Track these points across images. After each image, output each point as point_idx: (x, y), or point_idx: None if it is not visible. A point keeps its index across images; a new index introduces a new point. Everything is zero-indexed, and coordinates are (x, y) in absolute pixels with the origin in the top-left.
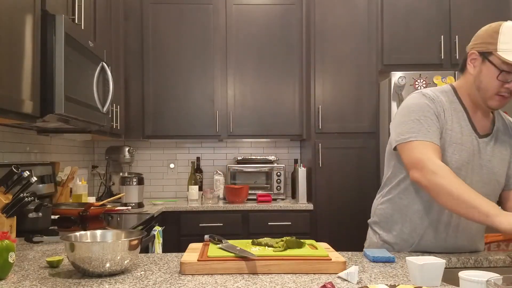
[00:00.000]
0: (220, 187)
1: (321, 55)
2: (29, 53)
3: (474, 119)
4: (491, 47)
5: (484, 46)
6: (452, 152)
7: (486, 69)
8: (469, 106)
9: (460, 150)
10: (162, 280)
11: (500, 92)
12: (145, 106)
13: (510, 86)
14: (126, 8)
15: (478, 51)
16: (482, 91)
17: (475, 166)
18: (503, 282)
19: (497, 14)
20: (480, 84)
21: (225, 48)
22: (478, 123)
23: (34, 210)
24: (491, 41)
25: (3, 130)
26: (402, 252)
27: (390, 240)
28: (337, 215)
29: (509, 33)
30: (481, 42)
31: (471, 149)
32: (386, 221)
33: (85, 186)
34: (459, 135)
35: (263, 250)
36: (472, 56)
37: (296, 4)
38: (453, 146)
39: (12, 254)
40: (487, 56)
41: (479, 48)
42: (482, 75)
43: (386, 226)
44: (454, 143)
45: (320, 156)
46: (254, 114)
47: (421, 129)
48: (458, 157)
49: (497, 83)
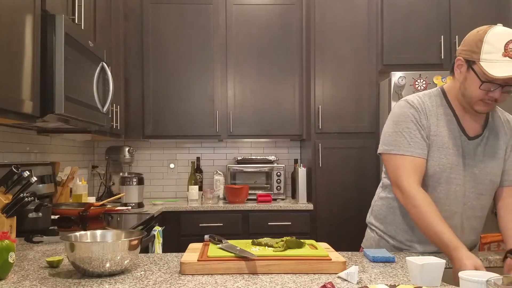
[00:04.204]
0: (220, 187)
1: (321, 55)
2: (29, 53)
3: (463, 121)
4: (475, 56)
5: (468, 54)
6: (439, 156)
7: (470, 77)
8: (458, 109)
9: (447, 154)
10: (162, 280)
11: (484, 99)
12: (145, 106)
13: (494, 94)
14: (126, 8)
15: (463, 57)
16: (467, 98)
17: (467, 167)
18: (503, 282)
19: (497, 14)
20: (465, 91)
21: (225, 48)
22: (468, 125)
23: (34, 210)
24: (475, 50)
25: (3, 130)
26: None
27: (388, 232)
28: (337, 215)
29: (493, 42)
30: (467, 49)
31: (460, 152)
32: (383, 217)
33: (85, 186)
34: (446, 139)
35: (263, 250)
36: (458, 62)
37: (296, 4)
38: (440, 151)
39: (12, 254)
40: (471, 65)
41: (464, 55)
42: (466, 82)
43: (383, 221)
44: (441, 147)
45: (320, 156)
46: (254, 114)
47: (403, 142)
48: (446, 160)
49: (480, 91)
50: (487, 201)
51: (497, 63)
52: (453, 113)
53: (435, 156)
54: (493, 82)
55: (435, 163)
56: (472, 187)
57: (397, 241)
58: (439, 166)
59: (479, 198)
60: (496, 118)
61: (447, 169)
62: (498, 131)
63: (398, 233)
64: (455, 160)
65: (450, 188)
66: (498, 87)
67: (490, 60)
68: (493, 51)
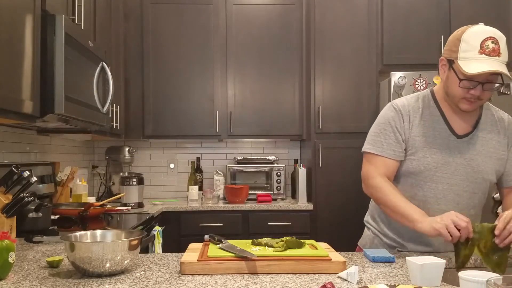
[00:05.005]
0: (220, 187)
1: (321, 55)
2: (29, 53)
3: (452, 121)
4: (453, 55)
5: (449, 54)
6: (423, 155)
7: (451, 76)
8: (446, 109)
9: (432, 153)
10: (162, 280)
11: (466, 97)
12: (145, 106)
13: (474, 92)
14: (126, 8)
15: (445, 57)
16: (450, 97)
17: (458, 166)
18: (503, 282)
19: (497, 14)
20: (448, 90)
21: (225, 48)
22: (457, 125)
23: (34, 210)
24: (454, 49)
25: (3, 130)
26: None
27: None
28: (337, 215)
29: (470, 41)
30: (448, 48)
31: (448, 151)
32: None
33: (85, 186)
34: (431, 139)
35: (263, 250)
36: (442, 62)
37: (296, 4)
38: (424, 150)
39: (12, 254)
40: (451, 64)
41: (446, 54)
42: (448, 81)
43: (376, 220)
44: (425, 147)
45: (320, 156)
46: (254, 114)
47: (377, 142)
48: (430, 159)
49: (461, 90)
50: (480, 199)
51: (473, 60)
52: (441, 113)
53: (419, 155)
54: (472, 80)
55: (419, 162)
56: (465, 185)
57: (389, 238)
58: (424, 165)
59: (472, 197)
60: (489, 116)
61: (432, 168)
62: (490, 130)
63: (388, 233)
64: (442, 159)
65: (437, 186)
66: (477, 84)
67: (467, 58)
68: (470, 49)
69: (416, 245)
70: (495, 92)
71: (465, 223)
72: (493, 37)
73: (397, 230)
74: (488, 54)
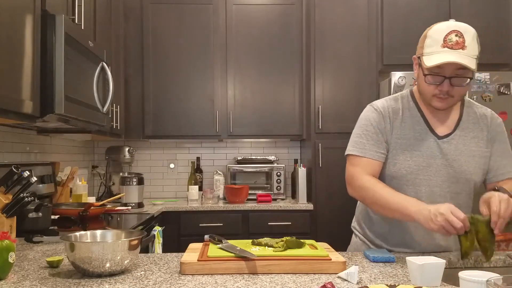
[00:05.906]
0: (220, 187)
1: (321, 55)
2: (29, 53)
3: (432, 121)
4: (420, 51)
5: (418, 51)
6: (405, 158)
7: (420, 73)
8: (426, 109)
9: (413, 156)
10: (162, 280)
11: (436, 94)
12: (145, 106)
13: (442, 88)
14: (126, 8)
15: (416, 55)
16: (423, 95)
17: (440, 167)
18: (503, 282)
19: (497, 14)
20: (419, 88)
21: (225, 48)
22: (438, 125)
23: (34, 210)
24: (421, 45)
25: (3, 130)
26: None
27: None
28: (337, 215)
29: (434, 35)
30: (418, 46)
31: (429, 152)
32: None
33: (85, 186)
34: (411, 140)
35: (263, 250)
36: (415, 61)
37: (296, 4)
38: (405, 153)
39: (12, 254)
40: (419, 61)
41: (417, 52)
42: (419, 79)
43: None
44: (406, 150)
45: (320, 156)
46: (254, 114)
47: (359, 144)
48: (412, 162)
49: (429, 86)
50: (464, 200)
51: (435, 54)
52: (421, 114)
53: (401, 158)
54: (437, 75)
55: (401, 165)
56: (447, 186)
57: (375, 245)
58: (405, 169)
59: (456, 197)
60: (471, 114)
61: (414, 171)
62: (472, 128)
63: (374, 239)
64: (423, 162)
65: (419, 189)
66: (443, 79)
67: (430, 52)
68: (433, 44)
69: (402, 249)
70: (495, 92)
71: (460, 223)
72: (457, 30)
73: (383, 235)
74: (451, 47)
